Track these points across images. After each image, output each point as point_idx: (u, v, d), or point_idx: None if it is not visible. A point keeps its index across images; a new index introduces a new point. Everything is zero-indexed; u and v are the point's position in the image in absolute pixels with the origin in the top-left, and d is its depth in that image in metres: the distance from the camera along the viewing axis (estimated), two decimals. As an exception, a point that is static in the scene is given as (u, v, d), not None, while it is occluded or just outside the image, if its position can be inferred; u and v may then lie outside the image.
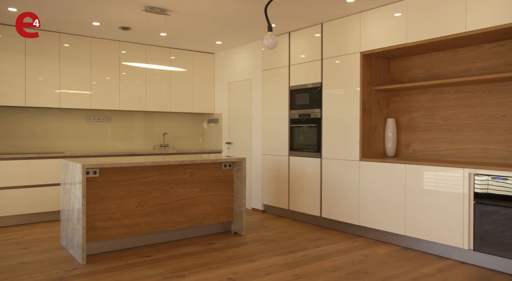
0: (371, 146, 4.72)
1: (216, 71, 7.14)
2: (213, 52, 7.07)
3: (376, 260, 3.80)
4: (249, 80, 6.38)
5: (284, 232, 4.83)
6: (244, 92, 6.48)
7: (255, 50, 6.23)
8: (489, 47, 4.04)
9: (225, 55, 6.91)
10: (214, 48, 6.79)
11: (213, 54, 7.14)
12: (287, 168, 5.56)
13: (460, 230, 3.72)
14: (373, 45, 4.51)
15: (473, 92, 4.16)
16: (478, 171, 3.62)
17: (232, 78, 6.75)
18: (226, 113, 6.89)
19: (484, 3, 3.60)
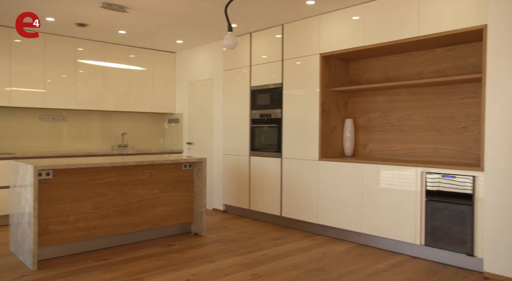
0: (330, 146, 4.81)
1: (177, 71, 7.05)
2: (174, 51, 6.98)
3: (333, 258, 3.88)
4: (210, 80, 6.34)
5: (244, 232, 4.84)
6: (205, 92, 6.44)
7: (216, 50, 6.21)
8: (440, 52, 4.22)
9: (186, 54, 6.84)
10: (175, 47, 6.70)
11: (174, 53, 7.05)
12: (248, 168, 5.57)
13: (413, 226, 3.87)
14: (332, 47, 4.61)
15: (425, 94, 4.34)
16: (429, 169, 3.78)
17: (193, 78, 6.69)
18: (187, 113, 6.82)
19: (434, 10, 3.76)
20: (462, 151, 4.06)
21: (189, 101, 6.78)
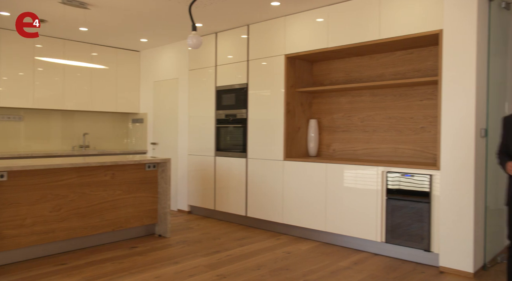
0: (294, 146, 4.87)
1: (142, 70, 6.92)
2: (138, 49, 6.85)
3: (298, 257, 3.93)
4: (175, 79, 6.27)
5: (209, 233, 4.81)
6: (170, 92, 6.35)
7: (181, 49, 6.14)
8: (400, 54, 4.36)
9: (151, 53, 6.73)
10: (139, 46, 6.58)
11: (138, 52, 6.91)
12: (213, 169, 5.55)
13: (374, 224, 3.98)
14: (297, 48, 4.66)
15: (387, 96, 4.47)
16: (390, 169, 3.89)
17: (158, 77, 6.59)
18: (152, 113, 6.71)
19: (394, 14, 3.88)
20: (420, 150, 4.21)
21: (154, 101, 6.67)
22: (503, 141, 2.90)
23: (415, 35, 3.75)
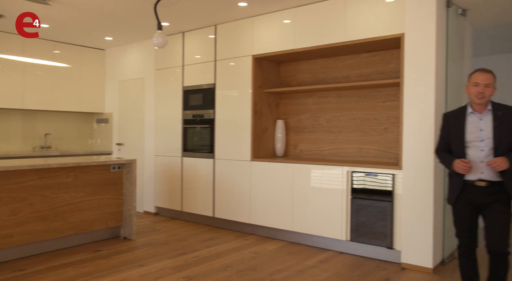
0: (262, 147, 4.89)
1: (107, 69, 6.76)
2: (103, 48, 6.69)
3: (265, 256, 3.95)
4: (141, 79, 6.16)
5: (176, 234, 4.76)
6: (137, 91, 6.24)
7: (148, 48, 6.05)
8: (365, 57, 4.46)
9: (116, 52, 6.58)
10: (104, 44, 6.42)
11: (103, 50, 6.75)
12: (180, 169, 5.49)
13: (339, 223, 4.05)
14: (264, 49, 4.69)
15: (352, 97, 4.56)
16: (355, 169, 3.97)
17: (124, 77, 6.46)
18: (117, 112, 6.56)
19: (359, 17, 3.97)
20: (384, 150, 4.33)
21: (120, 101, 6.53)
22: (443, 138, 2.86)
23: (379, 38, 3.85)
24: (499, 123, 2.59)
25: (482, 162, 2.62)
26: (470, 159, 2.65)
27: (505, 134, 2.59)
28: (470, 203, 2.69)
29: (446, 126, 2.83)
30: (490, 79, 2.63)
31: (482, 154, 2.62)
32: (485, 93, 2.60)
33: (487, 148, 2.62)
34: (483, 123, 2.65)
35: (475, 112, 2.69)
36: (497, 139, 2.58)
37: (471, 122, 2.68)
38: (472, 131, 2.66)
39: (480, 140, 2.63)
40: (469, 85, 2.70)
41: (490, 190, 2.61)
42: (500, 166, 2.51)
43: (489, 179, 2.61)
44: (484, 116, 2.66)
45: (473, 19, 4.35)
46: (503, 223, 2.59)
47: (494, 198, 2.61)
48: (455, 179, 2.76)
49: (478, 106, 2.67)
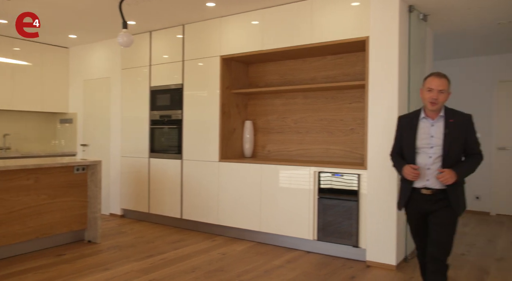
0: (230, 148, 4.88)
1: (70, 67, 6.56)
2: (67, 46, 6.49)
3: (233, 257, 3.94)
4: (107, 78, 6.02)
5: (143, 237, 4.68)
6: (102, 91, 6.09)
7: (114, 47, 5.91)
8: (331, 59, 4.54)
9: (81, 50, 6.40)
10: (68, 42, 6.23)
11: (66, 49, 6.55)
12: (147, 171, 5.41)
13: (307, 223, 4.10)
14: (232, 50, 4.68)
15: (319, 98, 4.63)
16: (322, 169, 4.04)
17: (89, 76, 6.29)
18: (82, 112, 6.38)
19: (325, 20, 4.03)
20: (350, 151, 4.41)
21: (84, 100, 6.36)
22: (397, 142, 2.79)
23: (344, 41, 3.93)
24: (449, 131, 2.53)
25: (429, 169, 2.56)
26: (418, 166, 2.58)
27: (454, 143, 2.52)
28: (417, 210, 2.65)
29: (400, 129, 2.77)
30: (444, 84, 2.55)
31: (430, 161, 2.56)
32: (439, 99, 2.52)
33: (435, 155, 2.54)
34: (434, 130, 2.57)
35: (427, 118, 2.61)
36: (446, 147, 2.51)
37: (423, 127, 2.61)
38: (422, 137, 2.59)
39: (429, 147, 2.56)
40: (423, 90, 2.61)
41: (435, 198, 2.56)
42: (447, 181, 2.46)
43: (434, 187, 2.56)
44: (436, 122, 2.58)
45: (434, 24, 4.51)
46: (445, 233, 2.52)
47: (439, 206, 2.55)
48: (404, 185, 2.71)
49: (430, 112, 2.59)
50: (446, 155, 2.52)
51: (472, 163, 2.58)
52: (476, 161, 2.59)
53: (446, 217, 2.53)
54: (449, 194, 2.52)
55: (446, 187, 2.52)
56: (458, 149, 2.54)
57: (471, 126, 2.58)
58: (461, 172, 2.52)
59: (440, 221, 2.53)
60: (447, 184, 2.48)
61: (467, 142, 2.56)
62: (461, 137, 2.54)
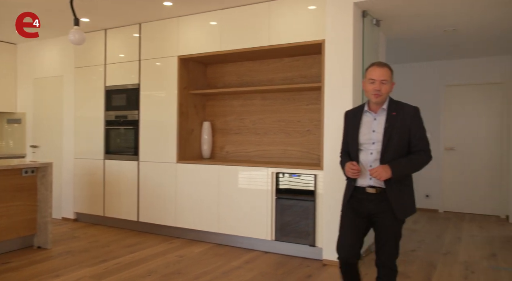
0: (188, 149, 4.83)
1: (19, 65, 6.25)
2: (14, 42, 6.17)
3: (191, 259, 3.91)
4: (59, 77, 5.79)
5: (97, 241, 4.53)
6: (54, 90, 5.85)
7: (66, 45, 5.69)
8: (288, 61, 4.61)
9: (30, 47, 6.11)
10: (16, 38, 5.92)
11: (14, 45, 6.23)
12: (103, 173, 5.24)
13: (265, 223, 4.13)
14: (190, 50, 4.64)
15: (276, 100, 4.68)
16: (279, 169, 4.08)
17: (39, 74, 6.01)
18: (32, 112, 6.09)
19: (282, 22, 4.09)
20: (307, 152, 4.49)
21: (35, 100, 6.07)
22: (344, 139, 2.59)
23: (301, 43, 4.00)
24: (389, 125, 2.32)
25: (371, 166, 2.36)
26: (361, 163, 2.40)
27: (395, 137, 2.31)
28: (357, 211, 2.44)
29: (346, 125, 2.57)
30: (386, 74, 2.33)
31: (371, 158, 2.37)
32: (382, 90, 2.31)
33: (376, 151, 2.35)
34: (376, 124, 2.38)
35: (370, 111, 2.42)
36: (385, 142, 2.31)
37: (366, 122, 2.42)
38: (365, 132, 2.40)
39: (371, 143, 2.37)
40: (365, 82, 2.41)
41: (380, 197, 2.35)
42: (380, 176, 2.25)
43: (379, 186, 2.35)
44: (378, 116, 2.39)
45: (386, 29, 4.68)
46: (391, 239, 2.37)
47: (383, 208, 2.35)
48: (347, 184, 2.52)
49: (374, 105, 2.40)
50: (384, 151, 2.31)
51: (412, 159, 2.33)
52: (419, 158, 2.35)
53: (391, 220, 2.34)
54: (388, 194, 2.31)
55: (385, 186, 2.32)
56: (399, 145, 2.32)
57: (417, 120, 2.36)
58: (397, 168, 2.27)
59: (385, 226, 2.36)
60: (381, 179, 2.27)
61: (412, 137, 2.34)
62: (404, 131, 2.32)
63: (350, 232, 2.45)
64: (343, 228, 2.49)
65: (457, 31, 4.77)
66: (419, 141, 2.35)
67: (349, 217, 2.47)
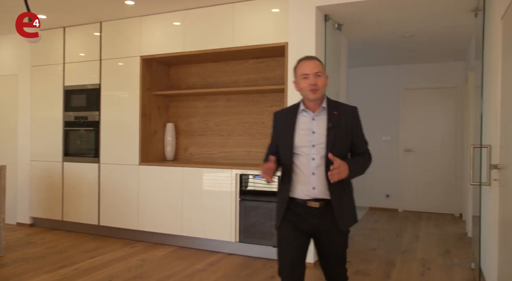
0: (151, 150, 4.76)
1: (-30, 62, 5.93)
2: (-34, 39, 5.86)
3: (153, 263, 3.84)
4: (14, 76, 5.54)
5: (55, 247, 4.37)
6: (8, 89, 5.59)
7: (22, 42, 5.44)
8: (253, 63, 4.63)
9: (-17, 44, 5.82)
10: (-33, 34, 5.63)
11: (-35, 41, 5.91)
12: (61, 175, 5.07)
13: (229, 225, 4.13)
14: (153, 50, 4.57)
15: (240, 101, 4.69)
16: (243, 171, 4.09)
17: (-8, 72, 5.74)
18: (-16, 112, 5.80)
19: (246, 25, 4.10)
20: (270, 153, 4.52)
21: (-13, 99, 5.79)
22: (272, 142, 2.26)
23: (265, 45, 4.03)
24: (333, 125, 2.06)
25: (314, 174, 2.03)
26: (298, 170, 2.07)
27: (339, 139, 2.06)
28: (298, 228, 2.09)
29: (275, 126, 2.25)
30: (318, 66, 2.11)
31: (313, 164, 2.04)
32: (318, 84, 2.07)
33: (319, 156, 2.04)
34: (316, 124, 2.09)
35: (307, 110, 2.13)
36: (330, 145, 2.03)
37: (303, 122, 2.12)
38: (302, 133, 2.09)
39: (311, 145, 2.06)
40: (297, 80, 2.14)
41: (324, 211, 2.04)
42: (341, 174, 1.94)
43: (324, 197, 2.04)
44: (317, 116, 2.11)
45: (348, 33, 4.80)
46: (341, 250, 2.13)
47: (328, 221, 2.05)
48: (279, 196, 2.17)
49: (311, 103, 2.12)
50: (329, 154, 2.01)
51: (362, 161, 2.14)
52: (366, 160, 2.17)
53: (337, 234, 2.08)
54: (334, 205, 2.03)
55: (331, 195, 2.02)
56: (344, 147, 2.10)
57: (358, 121, 2.17)
58: (353, 166, 2.03)
59: (332, 242, 2.10)
60: (339, 178, 1.95)
61: (354, 139, 2.13)
62: (347, 132, 2.10)
63: (292, 251, 2.09)
64: (283, 247, 2.11)
65: (414, 37, 4.96)
66: (362, 142, 2.17)
67: (289, 234, 2.10)
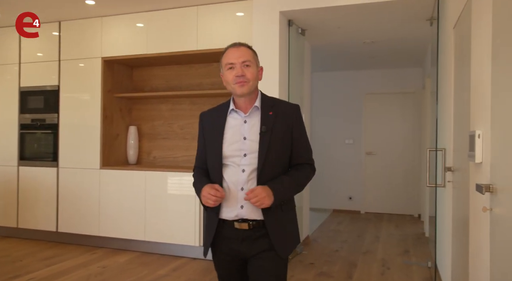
0: (113, 154, 4.64)
1: None
2: None
3: (114, 270, 3.75)
4: (-34, 75, 5.27)
5: (8, 255, 4.17)
6: (-41, 90, 5.30)
7: (-26, 41, 5.20)
8: (217, 66, 4.61)
9: None
10: None
11: None
12: (16, 180, 4.85)
13: (192, 229, 4.09)
14: (115, 52, 4.47)
15: (205, 104, 4.66)
16: (207, 175, 4.06)
17: None
18: None
19: (210, 28, 4.10)
20: (235, 157, 4.52)
21: None
22: (200, 150, 1.87)
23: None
24: (267, 129, 1.68)
25: (243, 189, 1.66)
26: (226, 185, 1.69)
27: (275, 146, 1.68)
28: (231, 253, 1.73)
29: (201, 132, 1.88)
30: (247, 54, 1.74)
31: (243, 178, 1.67)
32: (247, 75, 1.70)
33: (251, 168, 1.67)
34: (248, 128, 1.71)
35: (237, 110, 1.76)
36: (263, 154, 1.65)
37: (233, 126, 1.74)
38: (232, 140, 1.71)
39: (242, 155, 1.68)
40: (223, 72, 1.77)
41: (255, 234, 1.67)
42: (261, 202, 1.58)
43: (254, 218, 1.66)
44: (249, 117, 1.74)
45: (311, 38, 4.89)
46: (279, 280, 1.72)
47: (261, 246, 1.67)
48: (208, 217, 1.76)
49: (241, 101, 1.75)
50: (262, 166, 1.65)
51: (298, 177, 1.73)
52: (305, 174, 1.77)
53: (273, 262, 1.68)
54: (268, 228, 1.65)
55: (264, 215, 1.65)
56: (281, 156, 1.71)
57: (299, 122, 1.77)
58: (280, 191, 1.65)
59: (266, 271, 1.68)
60: (262, 207, 1.61)
61: (294, 145, 1.74)
62: (285, 138, 1.71)
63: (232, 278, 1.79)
64: (219, 273, 1.83)
65: (375, 43, 5.12)
66: (304, 151, 1.79)
67: (221, 261, 1.79)
